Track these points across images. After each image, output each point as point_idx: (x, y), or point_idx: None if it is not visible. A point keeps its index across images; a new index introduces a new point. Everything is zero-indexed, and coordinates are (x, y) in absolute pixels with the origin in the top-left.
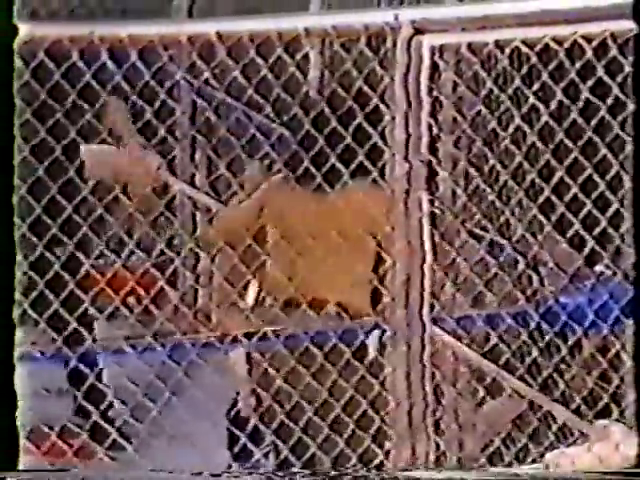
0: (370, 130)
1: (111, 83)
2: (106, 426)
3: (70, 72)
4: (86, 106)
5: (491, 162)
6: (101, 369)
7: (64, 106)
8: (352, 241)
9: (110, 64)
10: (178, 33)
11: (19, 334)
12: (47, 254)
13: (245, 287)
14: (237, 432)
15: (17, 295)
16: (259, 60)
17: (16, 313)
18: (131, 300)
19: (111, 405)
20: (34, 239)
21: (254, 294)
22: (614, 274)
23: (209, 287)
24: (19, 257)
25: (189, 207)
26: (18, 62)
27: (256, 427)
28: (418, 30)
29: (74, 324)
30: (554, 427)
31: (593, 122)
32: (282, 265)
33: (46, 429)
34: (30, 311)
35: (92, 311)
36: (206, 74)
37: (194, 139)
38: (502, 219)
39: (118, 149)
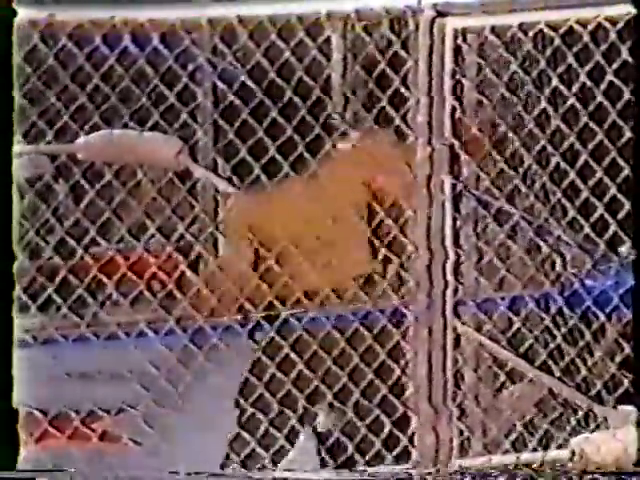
0: (393, 113)
1: (133, 67)
2: (131, 410)
3: (93, 56)
4: (109, 90)
5: (515, 145)
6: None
7: (87, 90)
8: (344, 225)
9: (132, 48)
10: (199, 17)
11: (42, 319)
12: (69, 239)
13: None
14: (259, 415)
15: (42, 280)
16: (281, 43)
17: (40, 299)
18: (154, 284)
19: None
20: (57, 224)
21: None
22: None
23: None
24: (42, 243)
25: (210, 192)
26: (41, 45)
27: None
28: (441, 13)
29: (96, 308)
30: (578, 413)
31: (618, 105)
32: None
33: (73, 414)
34: (54, 295)
35: (116, 295)
36: (228, 57)
37: (216, 123)
38: (526, 203)
39: (140, 134)
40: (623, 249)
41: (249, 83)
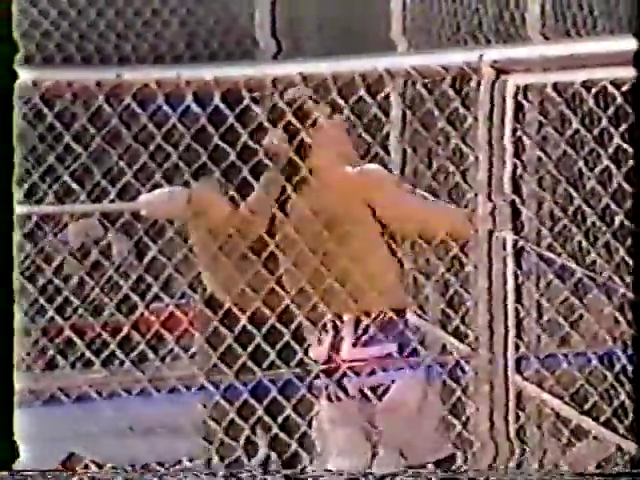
0: (452, 169)
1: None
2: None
3: (156, 115)
4: (170, 148)
5: (577, 203)
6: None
7: (149, 148)
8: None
9: (194, 106)
10: (263, 75)
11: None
12: (105, 298)
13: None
14: None
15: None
16: (340, 100)
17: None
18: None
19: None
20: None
21: None
22: None
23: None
24: (105, 299)
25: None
26: (106, 106)
27: None
28: (501, 70)
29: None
30: None
31: None
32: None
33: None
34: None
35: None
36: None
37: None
38: (588, 260)
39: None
40: None
41: (308, 140)
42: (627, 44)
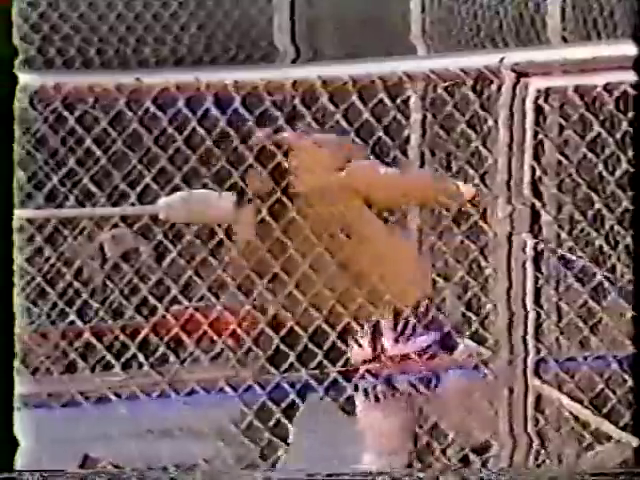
0: (471, 172)
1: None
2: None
3: (175, 118)
4: (189, 151)
5: (597, 206)
6: None
7: (168, 151)
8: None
9: (214, 110)
10: (282, 78)
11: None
12: (152, 298)
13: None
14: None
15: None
16: (359, 104)
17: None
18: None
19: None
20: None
21: None
22: None
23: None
24: (125, 302)
25: None
26: (126, 110)
27: None
28: (522, 73)
29: (176, 364)
30: None
31: None
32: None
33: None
34: (136, 350)
35: (196, 351)
36: (307, 118)
37: None
38: (609, 263)
39: (220, 194)
40: None
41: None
42: None
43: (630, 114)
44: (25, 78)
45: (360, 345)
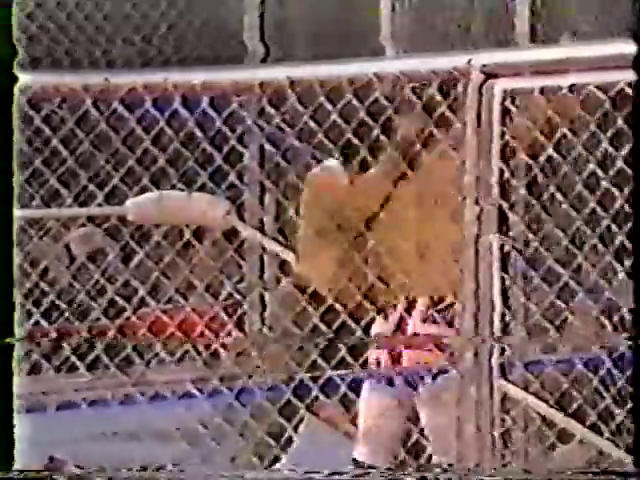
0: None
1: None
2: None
3: (143, 119)
4: (157, 152)
5: (564, 207)
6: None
7: (136, 152)
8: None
9: (182, 110)
10: (251, 79)
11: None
12: (119, 299)
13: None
14: None
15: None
16: (328, 105)
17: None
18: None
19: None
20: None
21: None
22: None
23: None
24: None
25: (258, 252)
26: (93, 111)
27: None
28: (489, 74)
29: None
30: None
31: None
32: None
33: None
34: (103, 355)
35: (162, 354)
36: (276, 119)
37: (262, 184)
38: (575, 264)
39: (188, 195)
40: None
41: (296, 144)
42: (615, 48)
43: (597, 115)
44: None
45: (386, 317)
